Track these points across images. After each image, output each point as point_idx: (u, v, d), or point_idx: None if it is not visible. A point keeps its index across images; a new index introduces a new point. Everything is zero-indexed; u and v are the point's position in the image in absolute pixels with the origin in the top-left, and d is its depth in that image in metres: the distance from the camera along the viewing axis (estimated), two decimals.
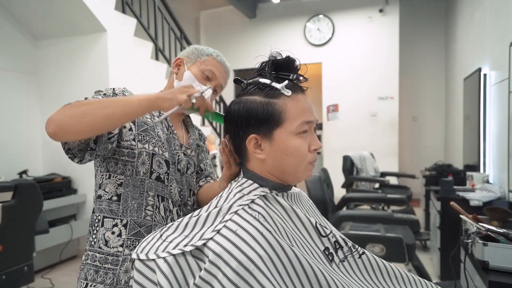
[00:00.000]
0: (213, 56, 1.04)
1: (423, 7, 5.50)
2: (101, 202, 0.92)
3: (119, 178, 0.91)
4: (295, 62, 0.75)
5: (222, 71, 1.05)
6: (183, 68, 1.03)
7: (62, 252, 2.96)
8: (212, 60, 1.03)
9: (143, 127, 0.93)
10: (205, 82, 1.01)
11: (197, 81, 1.00)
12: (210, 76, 1.02)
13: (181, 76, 1.02)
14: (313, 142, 0.74)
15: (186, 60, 1.04)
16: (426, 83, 5.54)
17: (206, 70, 1.01)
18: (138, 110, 0.77)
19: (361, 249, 0.77)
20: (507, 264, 1.18)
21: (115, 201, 0.91)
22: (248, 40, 6.05)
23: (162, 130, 0.98)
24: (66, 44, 3.10)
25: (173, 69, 1.06)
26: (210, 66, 1.03)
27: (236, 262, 0.59)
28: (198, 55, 1.03)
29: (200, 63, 1.02)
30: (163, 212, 0.95)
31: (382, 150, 5.19)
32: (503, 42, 2.41)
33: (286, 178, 0.75)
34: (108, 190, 0.92)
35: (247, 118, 0.72)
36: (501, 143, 2.43)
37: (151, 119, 0.97)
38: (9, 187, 1.94)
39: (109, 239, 0.90)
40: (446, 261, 2.37)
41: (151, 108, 0.78)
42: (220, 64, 1.04)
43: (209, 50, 1.05)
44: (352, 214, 2.23)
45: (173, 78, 1.05)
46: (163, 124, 1.00)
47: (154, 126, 0.96)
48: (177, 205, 0.99)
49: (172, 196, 0.97)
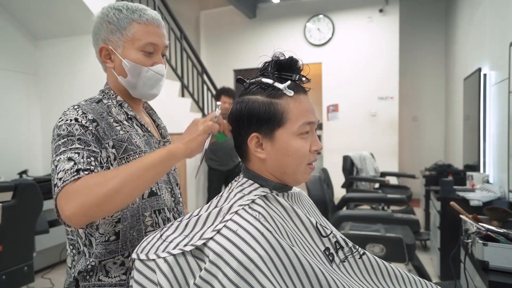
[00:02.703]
0: (136, 20, 0.83)
1: (423, 7, 5.50)
2: (97, 245, 0.80)
3: (116, 216, 0.81)
4: (298, 63, 0.75)
5: (157, 31, 0.86)
6: (117, 57, 0.85)
7: (62, 252, 2.95)
8: (140, 28, 0.83)
9: (122, 146, 0.82)
10: (151, 60, 0.86)
11: (144, 67, 0.85)
12: (153, 49, 0.85)
13: (121, 69, 0.85)
14: (314, 142, 0.74)
15: (112, 45, 0.85)
16: (426, 83, 5.54)
17: (144, 46, 0.84)
18: (166, 170, 0.73)
19: (361, 250, 0.77)
20: (507, 264, 1.18)
21: (114, 240, 0.81)
22: (248, 40, 6.05)
23: (138, 135, 0.87)
24: (66, 44, 3.10)
25: (105, 64, 0.88)
26: (144, 37, 0.84)
27: (236, 262, 0.59)
28: (120, 30, 0.83)
29: (130, 41, 0.83)
30: (163, 225, 0.87)
31: (382, 150, 5.18)
32: (503, 42, 2.41)
33: (285, 178, 0.75)
34: (103, 232, 0.81)
35: (249, 118, 0.72)
36: (501, 143, 2.43)
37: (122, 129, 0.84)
38: (9, 187, 1.94)
39: (110, 269, 0.82)
40: (446, 261, 2.37)
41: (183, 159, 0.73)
42: (150, 25, 0.85)
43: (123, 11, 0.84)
44: (352, 214, 2.23)
45: (112, 75, 0.87)
46: (136, 124, 0.89)
47: (130, 138, 0.84)
48: (172, 209, 0.92)
49: (166, 203, 0.90)
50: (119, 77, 0.86)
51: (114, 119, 0.84)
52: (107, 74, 0.91)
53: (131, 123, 0.88)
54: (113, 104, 0.87)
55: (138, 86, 0.87)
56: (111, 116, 0.84)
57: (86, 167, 0.71)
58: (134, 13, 0.84)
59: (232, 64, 6.18)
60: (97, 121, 0.79)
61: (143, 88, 0.88)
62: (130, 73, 0.85)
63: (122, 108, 0.88)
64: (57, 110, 3.17)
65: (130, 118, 0.89)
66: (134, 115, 0.89)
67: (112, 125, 0.82)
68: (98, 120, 0.80)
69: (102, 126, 0.80)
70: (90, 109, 0.81)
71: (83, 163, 0.72)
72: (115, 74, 0.87)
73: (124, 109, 0.88)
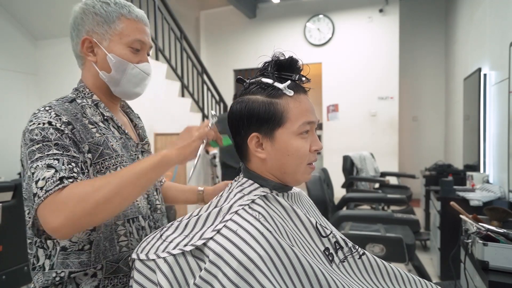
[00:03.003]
0: (125, 15, 0.81)
1: (423, 7, 5.50)
2: (67, 255, 0.73)
3: None
4: (298, 63, 0.75)
5: (145, 29, 0.84)
6: (101, 51, 0.81)
7: None
8: (129, 23, 0.81)
9: (98, 150, 0.76)
10: (138, 58, 0.83)
11: (131, 63, 0.82)
12: (140, 47, 0.83)
13: (104, 63, 0.81)
14: (314, 142, 0.74)
15: (97, 38, 0.80)
16: (426, 83, 5.54)
17: (132, 42, 0.81)
18: (158, 177, 0.71)
19: (361, 250, 0.77)
20: (507, 264, 1.18)
21: (87, 250, 0.75)
22: (248, 40, 6.05)
23: (115, 138, 0.82)
24: (66, 44, 3.06)
25: (85, 56, 0.82)
26: (133, 33, 0.81)
27: (236, 262, 0.59)
28: (108, 23, 0.80)
29: (119, 36, 0.80)
30: (137, 235, 0.81)
31: (382, 150, 5.18)
32: (503, 42, 2.41)
33: (285, 178, 0.75)
34: (76, 240, 0.74)
35: (249, 117, 0.72)
36: (501, 143, 2.43)
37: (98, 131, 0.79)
38: (9, 187, 1.94)
39: (81, 281, 0.75)
40: (446, 261, 2.37)
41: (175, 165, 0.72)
42: (139, 22, 0.83)
43: (112, 5, 0.81)
44: (352, 214, 2.23)
45: (91, 70, 0.83)
46: (113, 126, 0.84)
47: (106, 141, 0.79)
48: (147, 217, 0.86)
49: (141, 210, 0.84)
50: (101, 72, 0.82)
51: (89, 121, 0.78)
52: (83, 70, 0.86)
53: (107, 125, 0.82)
54: (87, 104, 0.81)
55: (122, 83, 0.83)
56: (85, 117, 0.78)
57: (69, 174, 0.67)
58: (123, 8, 0.81)
59: (232, 64, 6.18)
60: (72, 124, 0.74)
61: (126, 85, 0.84)
62: (115, 68, 0.81)
63: (98, 109, 0.82)
64: None
65: (106, 120, 0.83)
66: (110, 116, 0.84)
67: (88, 127, 0.77)
68: (73, 122, 0.74)
69: (78, 129, 0.74)
70: (63, 110, 0.75)
71: (65, 170, 0.67)
72: (95, 69, 0.82)
73: (100, 109, 0.83)
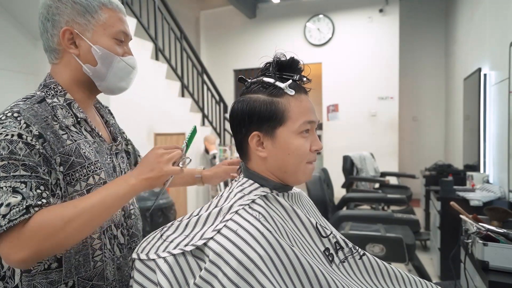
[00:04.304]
0: (107, 5, 0.76)
1: (423, 7, 5.50)
2: (32, 277, 0.68)
3: None
4: (299, 63, 0.75)
5: (125, 20, 0.80)
6: (84, 43, 0.75)
7: None
8: (112, 14, 0.77)
9: (68, 161, 0.70)
10: (122, 50, 0.79)
11: (117, 56, 0.77)
12: (124, 37, 0.79)
13: (89, 56, 0.75)
14: (314, 142, 0.75)
15: (78, 29, 0.74)
16: (426, 83, 5.54)
17: (117, 33, 0.77)
18: (125, 202, 0.72)
19: (361, 251, 0.77)
20: (507, 264, 1.18)
21: (55, 268, 0.69)
22: (248, 40, 6.05)
23: (88, 143, 0.76)
24: None
25: (66, 48, 0.75)
26: (117, 24, 0.77)
27: (236, 261, 0.59)
28: (90, 13, 0.74)
29: (102, 27, 0.75)
30: (109, 244, 0.77)
31: (382, 150, 5.18)
32: (503, 42, 2.41)
33: (286, 178, 0.75)
34: (41, 260, 0.68)
35: (250, 116, 0.72)
36: (501, 143, 2.43)
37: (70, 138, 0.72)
38: None
39: None
40: (446, 261, 2.37)
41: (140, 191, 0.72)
42: (120, 13, 0.79)
43: None
44: (352, 214, 2.23)
45: (68, 65, 0.77)
46: (84, 129, 0.77)
47: (78, 148, 0.73)
48: (120, 225, 0.81)
49: (114, 219, 0.79)
50: (85, 65, 0.75)
51: (60, 125, 0.72)
52: (57, 65, 0.79)
53: (79, 128, 0.76)
54: (59, 103, 0.74)
55: (108, 77, 0.78)
56: (56, 120, 0.72)
57: (36, 202, 0.61)
58: None
59: (232, 64, 6.18)
60: (43, 136, 0.67)
61: (112, 80, 0.79)
62: (101, 61, 0.76)
63: (71, 109, 0.75)
64: None
65: (79, 122, 0.76)
66: (84, 118, 0.77)
67: (58, 135, 0.70)
68: (44, 133, 0.67)
69: (49, 140, 0.68)
70: (33, 116, 0.68)
71: (32, 197, 0.61)
72: (76, 63, 0.76)
73: (74, 110, 0.76)
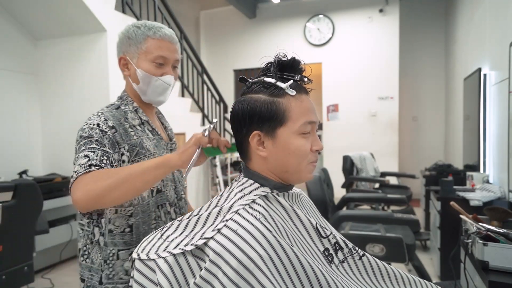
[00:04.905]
0: (151, 36, 0.95)
1: (423, 7, 5.50)
2: (113, 236, 0.92)
3: (128, 210, 0.92)
4: (300, 63, 0.75)
5: (169, 46, 0.97)
6: (132, 66, 0.97)
7: (62, 252, 2.95)
8: (153, 42, 0.95)
9: (135, 150, 0.93)
10: (161, 71, 0.97)
11: (154, 76, 0.96)
12: (163, 61, 0.97)
13: (135, 76, 0.97)
14: (315, 142, 0.74)
15: (129, 56, 0.97)
16: (426, 83, 5.54)
17: (156, 58, 0.95)
18: (162, 175, 0.82)
19: (361, 251, 0.77)
20: (507, 264, 1.18)
21: (128, 232, 0.93)
22: (248, 40, 6.05)
23: (149, 139, 0.98)
24: (66, 44, 3.10)
25: (123, 72, 1.00)
26: (156, 51, 0.95)
27: (236, 261, 0.59)
28: (136, 44, 0.95)
29: (144, 53, 0.95)
30: (164, 217, 0.99)
31: (382, 150, 5.18)
32: (503, 42, 2.41)
33: (288, 177, 0.75)
34: (118, 224, 0.92)
35: (251, 116, 0.72)
36: (501, 143, 2.43)
37: (136, 134, 0.95)
38: (9, 187, 1.94)
39: (129, 268, 0.91)
40: (446, 261, 2.37)
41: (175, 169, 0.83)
42: (163, 41, 0.96)
43: (141, 29, 0.95)
44: (352, 214, 2.23)
45: (129, 81, 1.00)
46: (147, 129, 0.99)
47: (142, 142, 0.95)
48: (174, 205, 1.03)
49: (169, 198, 1.01)
50: (133, 83, 0.98)
51: (129, 125, 0.96)
52: (126, 81, 1.03)
53: (143, 128, 0.99)
54: (129, 109, 0.99)
55: (148, 92, 0.98)
56: (127, 121, 0.96)
57: (97, 163, 0.82)
58: (150, 30, 0.95)
59: (232, 64, 6.18)
60: (115, 128, 0.91)
61: (152, 95, 0.99)
62: (142, 80, 0.96)
63: (137, 114, 0.99)
64: (57, 110, 3.19)
65: (143, 123, 1.00)
66: (146, 120, 1.01)
67: (128, 131, 0.94)
68: (117, 127, 0.91)
69: (120, 132, 0.91)
70: (111, 115, 0.93)
71: (95, 160, 0.82)
72: (130, 81, 0.99)
73: (139, 114, 1.00)
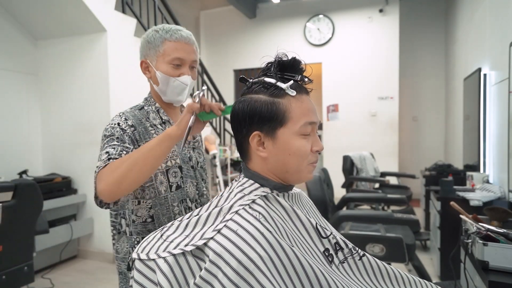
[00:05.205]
0: (168, 39, 1.00)
1: (423, 7, 5.50)
2: (136, 225, 1.01)
3: (149, 202, 1.00)
4: (301, 64, 0.75)
5: (186, 47, 1.01)
6: (152, 69, 1.02)
7: (62, 252, 2.95)
8: (170, 45, 0.99)
9: None
10: (178, 71, 1.01)
11: (172, 77, 1.00)
12: (180, 62, 1.01)
13: (155, 78, 1.02)
14: (315, 143, 0.74)
15: (149, 59, 1.02)
16: (426, 83, 5.54)
17: (173, 60, 0.99)
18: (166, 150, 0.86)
19: (361, 251, 0.77)
20: (507, 264, 1.18)
21: (150, 222, 1.01)
22: (248, 40, 6.05)
23: None
24: (66, 44, 3.09)
25: (145, 75, 1.05)
26: (172, 53, 0.99)
27: (236, 261, 0.59)
28: (154, 48, 1.00)
29: (162, 56, 1.00)
30: (185, 212, 1.04)
31: (382, 150, 5.18)
32: (503, 42, 2.41)
33: (288, 177, 0.75)
34: (140, 215, 1.01)
35: (251, 116, 0.72)
36: (501, 143, 2.43)
37: (156, 132, 1.01)
38: (9, 187, 1.93)
39: None
40: (446, 261, 2.37)
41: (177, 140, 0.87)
42: (179, 43, 1.00)
43: (159, 32, 1.00)
44: (352, 214, 2.23)
45: (151, 83, 1.06)
46: (168, 127, 1.00)
47: None
48: (195, 200, 1.08)
49: (189, 194, 1.07)
50: (154, 85, 1.04)
51: (151, 124, 1.02)
52: (149, 83, 1.08)
53: (164, 127, 1.05)
54: (152, 109, 1.05)
55: (167, 93, 1.03)
56: (148, 121, 1.02)
57: (116, 157, 0.88)
58: (167, 33, 1.00)
59: (232, 64, 6.18)
60: (135, 126, 0.98)
61: (171, 95, 1.04)
62: (161, 82, 1.01)
63: (158, 114, 1.05)
64: (57, 110, 3.19)
65: (164, 122, 1.05)
66: (167, 119, 1.06)
67: (148, 129, 1.01)
68: (136, 126, 0.98)
69: (139, 131, 0.98)
70: (132, 115, 1.00)
71: (114, 154, 0.89)
72: (151, 84, 1.05)
73: (160, 114, 1.06)
